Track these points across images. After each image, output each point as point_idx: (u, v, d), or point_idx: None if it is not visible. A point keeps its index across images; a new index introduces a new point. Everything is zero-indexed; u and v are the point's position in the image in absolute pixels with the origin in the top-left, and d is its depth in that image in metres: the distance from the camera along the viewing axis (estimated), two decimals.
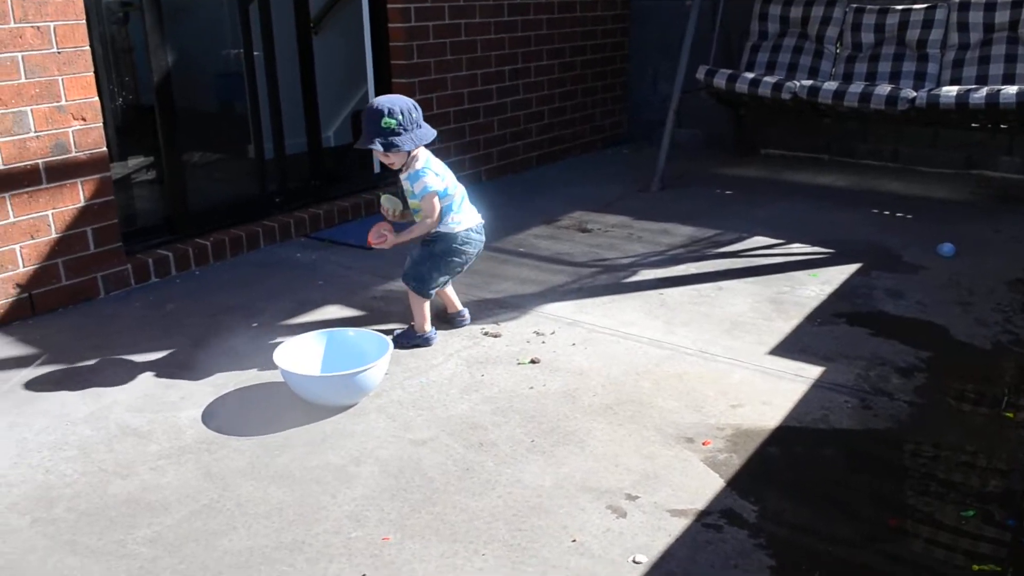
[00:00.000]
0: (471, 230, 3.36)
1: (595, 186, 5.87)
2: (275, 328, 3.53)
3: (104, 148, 3.83)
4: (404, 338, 3.34)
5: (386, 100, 3.16)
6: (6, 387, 3.07)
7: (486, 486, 2.42)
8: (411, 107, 3.16)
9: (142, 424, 2.80)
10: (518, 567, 2.09)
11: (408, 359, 3.25)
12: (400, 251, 3.47)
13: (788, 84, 5.51)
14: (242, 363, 3.21)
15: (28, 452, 2.64)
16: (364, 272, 4.20)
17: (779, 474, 2.46)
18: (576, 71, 6.68)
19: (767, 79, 5.61)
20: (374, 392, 2.95)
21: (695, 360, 3.19)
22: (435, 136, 3.25)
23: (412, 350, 3.32)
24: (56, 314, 3.74)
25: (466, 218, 3.35)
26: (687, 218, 5.01)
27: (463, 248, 3.35)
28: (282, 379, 2.92)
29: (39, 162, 3.61)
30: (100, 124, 3.79)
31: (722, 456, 2.55)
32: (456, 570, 2.09)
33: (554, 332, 3.46)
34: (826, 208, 5.20)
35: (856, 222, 4.91)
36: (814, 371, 3.07)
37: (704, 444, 2.61)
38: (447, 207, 3.29)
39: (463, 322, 3.54)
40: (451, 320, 3.54)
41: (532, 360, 3.21)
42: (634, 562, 2.10)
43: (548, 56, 6.35)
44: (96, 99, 3.76)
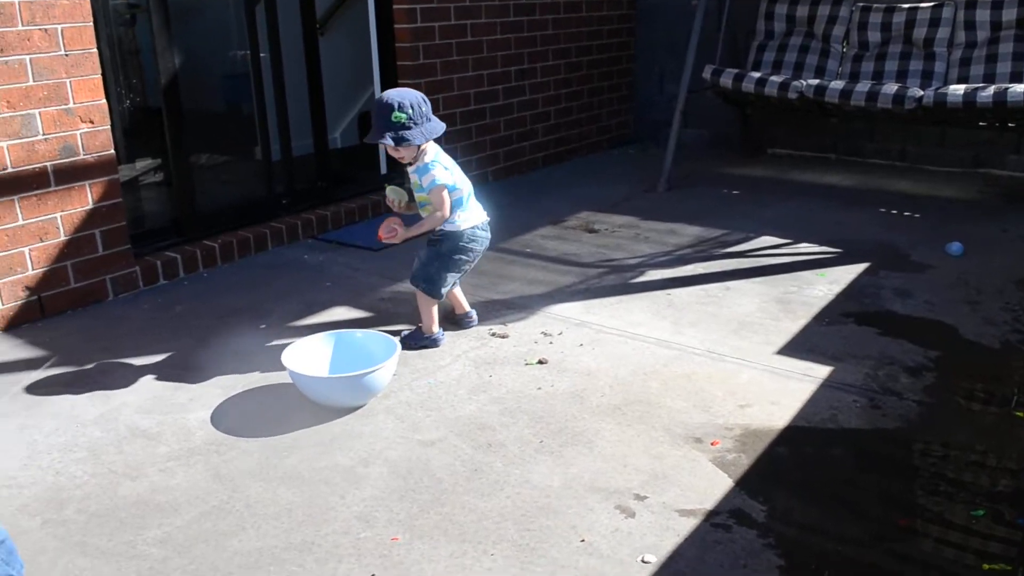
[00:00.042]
0: (477, 227, 3.36)
1: (601, 186, 5.87)
2: (283, 330, 3.54)
3: (112, 151, 3.84)
4: (412, 339, 3.35)
5: (396, 94, 3.14)
6: (16, 389, 3.08)
7: (495, 486, 2.43)
8: (420, 100, 3.15)
9: (151, 426, 2.81)
10: (527, 567, 2.09)
11: (416, 360, 3.26)
12: (408, 252, 3.48)
13: (795, 83, 5.50)
14: (250, 365, 3.22)
15: (38, 454, 2.66)
16: (372, 274, 4.20)
17: (788, 474, 2.46)
18: (582, 71, 6.68)
19: (773, 78, 5.60)
20: (382, 393, 2.96)
21: (703, 360, 3.19)
22: (445, 129, 3.24)
23: (420, 351, 3.32)
24: (65, 316, 3.75)
25: (472, 215, 3.35)
26: (694, 218, 5.01)
27: (470, 246, 3.35)
28: (290, 380, 2.93)
29: (47, 165, 3.62)
30: (108, 126, 3.81)
31: (731, 456, 2.55)
32: (465, 570, 2.09)
33: (561, 333, 3.46)
34: (833, 207, 5.20)
35: (863, 221, 4.90)
36: (822, 371, 3.06)
37: (712, 444, 2.61)
38: (455, 202, 3.28)
39: (471, 323, 3.54)
40: (459, 321, 3.54)
41: (540, 361, 3.21)
42: (643, 562, 2.10)
43: (554, 56, 6.35)
44: (104, 101, 3.77)
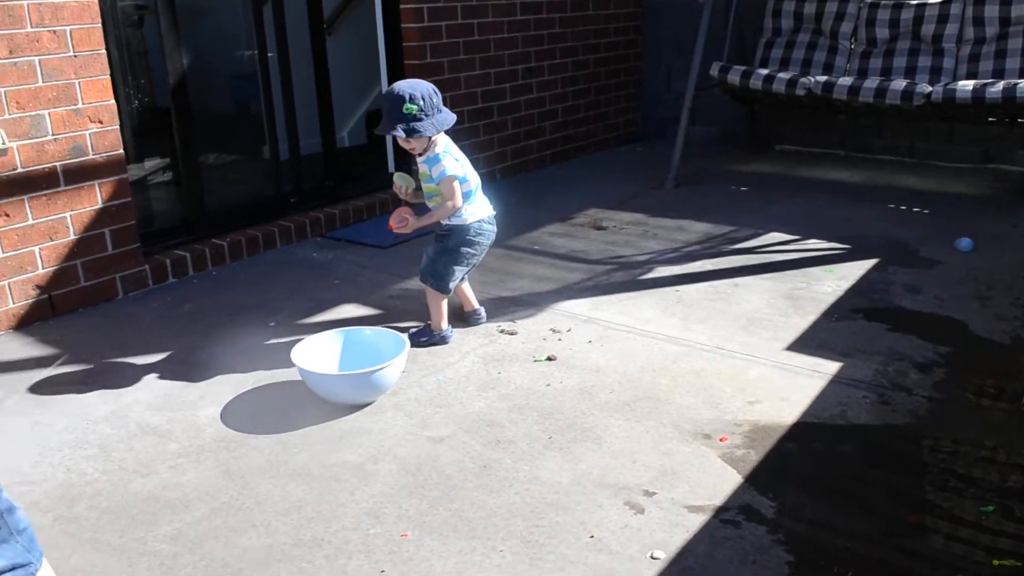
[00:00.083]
0: (483, 221, 3.36)
1: (609, 184, 5.87)
2: (292, 327, 3.55)
3: (121, 150, 3.86)
4: (421, 336, 3.35)
5: (407, 85, 3.13)
6: (27, 387, 3.10)
7: (504, 483, 2.43)
8: (432, 92, 3.14)
9: (162, 423, 2.83)
10: (536, 563, 2.10)
11: (425, 357, 3.26)
12: (415, 250, 3.49)
13: (802, 80, 5.49)
14: (260, 362, 3.23)
15: (50, 451, 2.67)
16: (380, 271, 4.21)
17: (797, 470, 2.46)
18: (589, 69, 6.68)
19: (781, 75, 5.59)
20: (391, 390, 2.97)
21: (712, 356, 3.19)
22: (455, 120, 3.23)
23: (429, 348, 3.33)
24: (75, 315, 3.77)
25: (480, 209, 3.36)
26: (702, 215, 5.00)
27: (477, 240, 3.35)
28: (300, 378, 2.94)
29: (57, 165, 3.64)
30: (117, 126, 3.82)
31: (739, 452, 2.54)
32: (474, 566, 2.09)
33: (570, 329, 3.46)
34: (842, 204, 5.18)
35: (872, 217, 4.89)
36: (832, 367, 3.06)
37: (721, 440, 2.61)
38: (464, 194, 3.28)
39: (479, 320, 3.54)
40: (467, 318, 3.55)
41: (548, 357, 3.21)
42: (652, 558, 2.10)
43: (561, 54, 6.35)
44: (112, 102, 3.79)
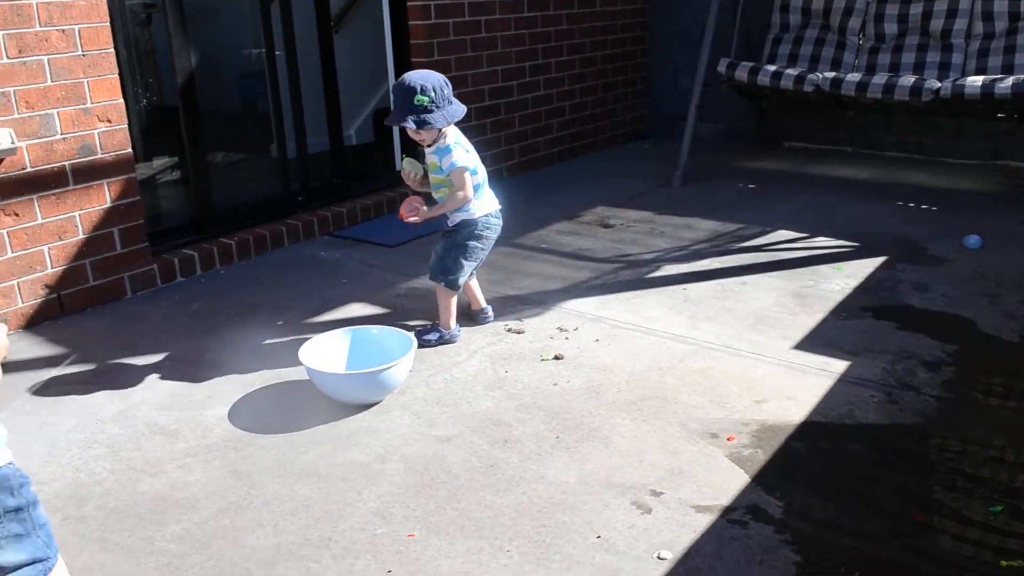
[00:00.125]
0: (490, 215, 3.36)
1: (617, 181, 5.86)
2: (300, 326, 3.56)
3: (129, 149, 3.87)
4: (428, 335, 3.36)
5: (418, 76, 3.11)
6: (36, 386, 3.12)
7: (511, 483, 2.43)
8: (443, 83, 3.13)
9: (170, 422, 2.84)
10: (543, 563, 2.10)
11: (432, 356, 3.26)
12: (422, 248, 3.48)
13: (810, 76, 5.46)
14: (267, 361, 3.24)
15: (58, 450, 2.68)
16: (388, 270, 4.21)
17: (804, 469, 2.45)
18: (596, 66, 6.67)
19: (789, 71, 5.57)
20: (399, 389, 2.97)
21: (719, 355, 3.18)
22: (465, 112, 3.22)
23: (436, 347, 3.33)
24: (84, 314, 3.79)
25: (486, 203, 3.36)
26: (710, 212, 4.99)
27: (484, 234, 3.35)
28: (307, 377, 2.94)
29: (66, 164, 3.65)
30: (125, 125, 3.83)
31: (747, 452, 2.54)
32: (481, 566, 2.10)
33: (577, 328, 3.46)
34: (850, 201, 5.16)
35: (880, 215, 4.87)
36: (839, 365, 3.05)
37: (729, 440, 2.61)
38: (474, 187, 3.27)
39: (487, 319, 3.54)
40: (475, 317, 3.55)
41: (556, 356, 3.21)
42: (659, 558, 2.10)
43: (568, 51, 6.34)
44: (121, 101, 3.80)
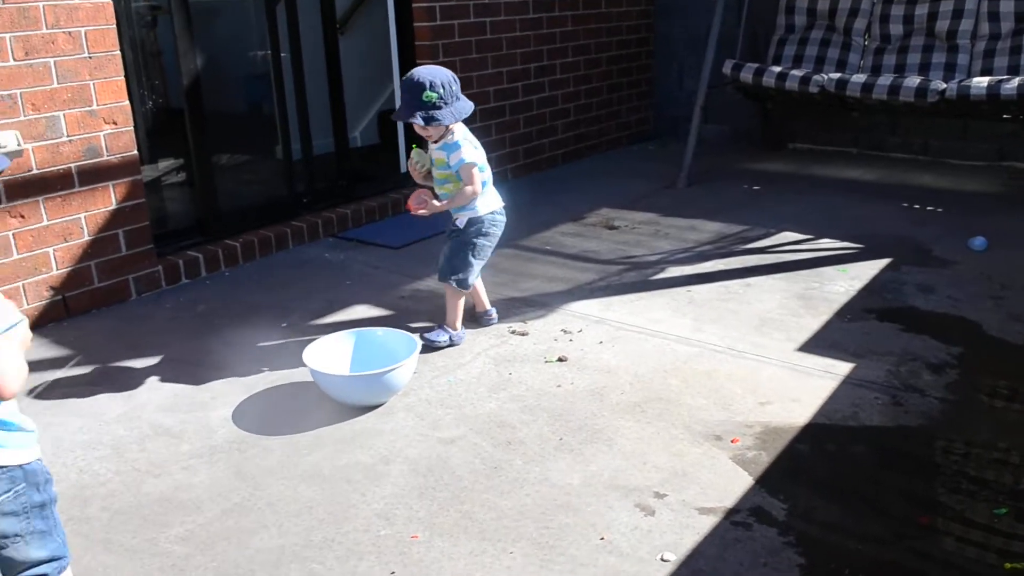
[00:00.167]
0: (495, 212, 3.38)
1: (621, 183, 5.86)
2: (304, 328, 3.56)
3: (135, 151, 3.88)
4: (432, 337, 3.36)
5: (426, 72, 3.10)
6: (41, 388, 3.13)
7: (514, 484, 2.43)
8: (451, 80, 3.12)
9: (174, 424, 2.84)
10: (546, 565, 2.10)
11: (436, 358, 3.27)
12: (428, 250, 3.49)
13: (816, 77, 5.46)
14: (272, 363, 3.24)
15: (63, 451, 2.69)
16: (392, 271, 4.22)
17: (809, 472, 2.45)
18: (601, 67, 6.66)
19: (794, 72, 5.56)
20: (402, 391, 2.97)
21: (723, 357, 3.18)
22: (473, 109, 3.22)
23: (440, 349, 3.33)
24: (89, 316, 3.80)
25: (492, 200, 3.37)
26: (714, 214, 4.98)
27: (491, 230, 3.36)
28: (311, 379, 2.95)
29: (71, 166, 3.66)
30: (131, 128, 3.84)
31: (751, 454, 2.54)
32: (485, 568, 2.10)
33: (581, 330, 3.46)
34: (855, 202, 5.15)
35: (885, 216, 4.86)
36: (844, 367, 3.04)
37: (733, 442, 2.60)
38: (482, 183, 3.28)
39: (491, 321, 3.54)
40: (479, 319, 3.55)
41: (559, 358, 3.21)
42: (662, 560, 2.10)
43: (573, 53, 6.33)
44: (127, 103, 3.81)
